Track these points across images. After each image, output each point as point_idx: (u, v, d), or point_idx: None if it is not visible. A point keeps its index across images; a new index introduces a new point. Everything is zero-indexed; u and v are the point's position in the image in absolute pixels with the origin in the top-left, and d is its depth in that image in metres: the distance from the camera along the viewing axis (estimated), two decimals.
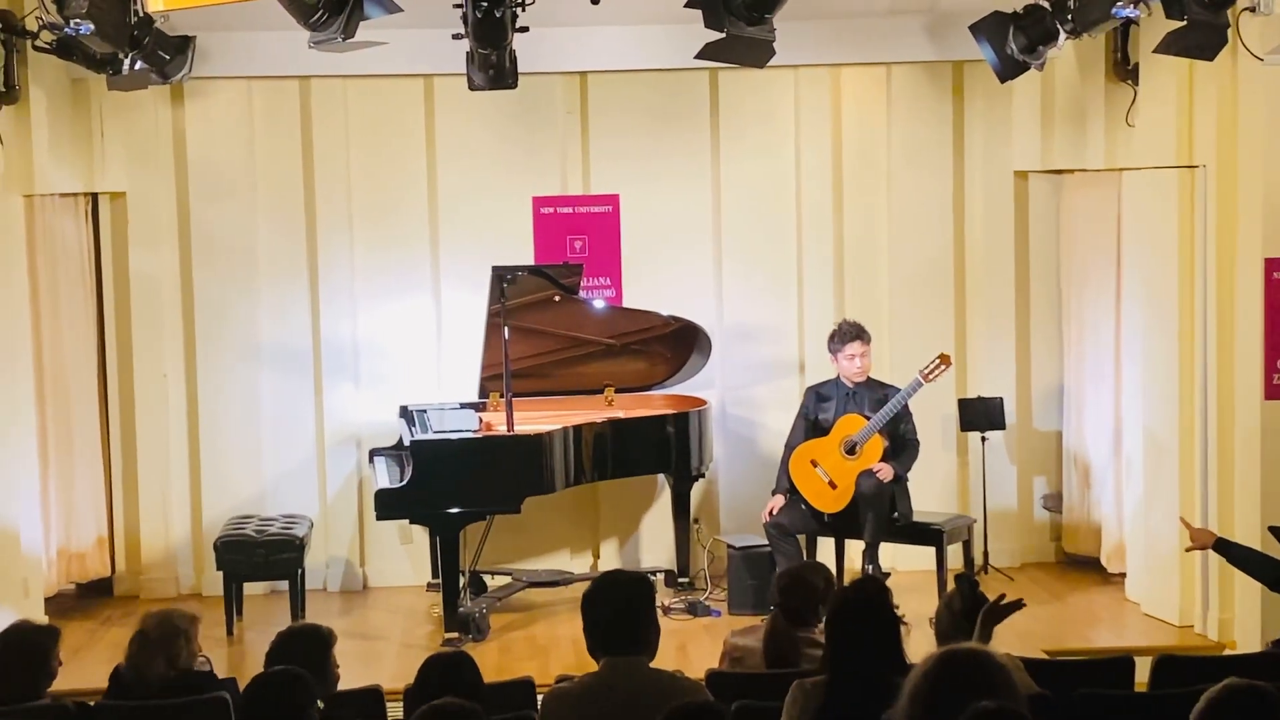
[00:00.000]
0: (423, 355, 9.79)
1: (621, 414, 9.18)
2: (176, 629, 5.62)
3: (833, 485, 8.55)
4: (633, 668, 4.60)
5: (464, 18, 7.06)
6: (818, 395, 8.75)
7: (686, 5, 7.07)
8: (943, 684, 3.52)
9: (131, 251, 9.56)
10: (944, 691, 3.50)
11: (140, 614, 5.84)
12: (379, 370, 9.74)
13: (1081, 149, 9.33)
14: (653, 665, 4.67)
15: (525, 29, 7.24)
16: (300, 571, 8.79)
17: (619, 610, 4.62)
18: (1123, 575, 9.11)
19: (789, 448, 8.77)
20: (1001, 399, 9.65)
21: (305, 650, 5.21)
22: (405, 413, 9.27)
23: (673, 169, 9.82)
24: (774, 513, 8.61)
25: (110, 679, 5.69)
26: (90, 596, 9.56)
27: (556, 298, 9.12)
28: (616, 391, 9.49)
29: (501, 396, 8.78)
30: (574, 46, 9.28)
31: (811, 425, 8.70)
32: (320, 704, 4.63)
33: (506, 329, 8.56)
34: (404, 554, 9.78)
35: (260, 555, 8.72)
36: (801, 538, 8.76)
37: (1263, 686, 3.64)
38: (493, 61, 7.64)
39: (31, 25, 7.98)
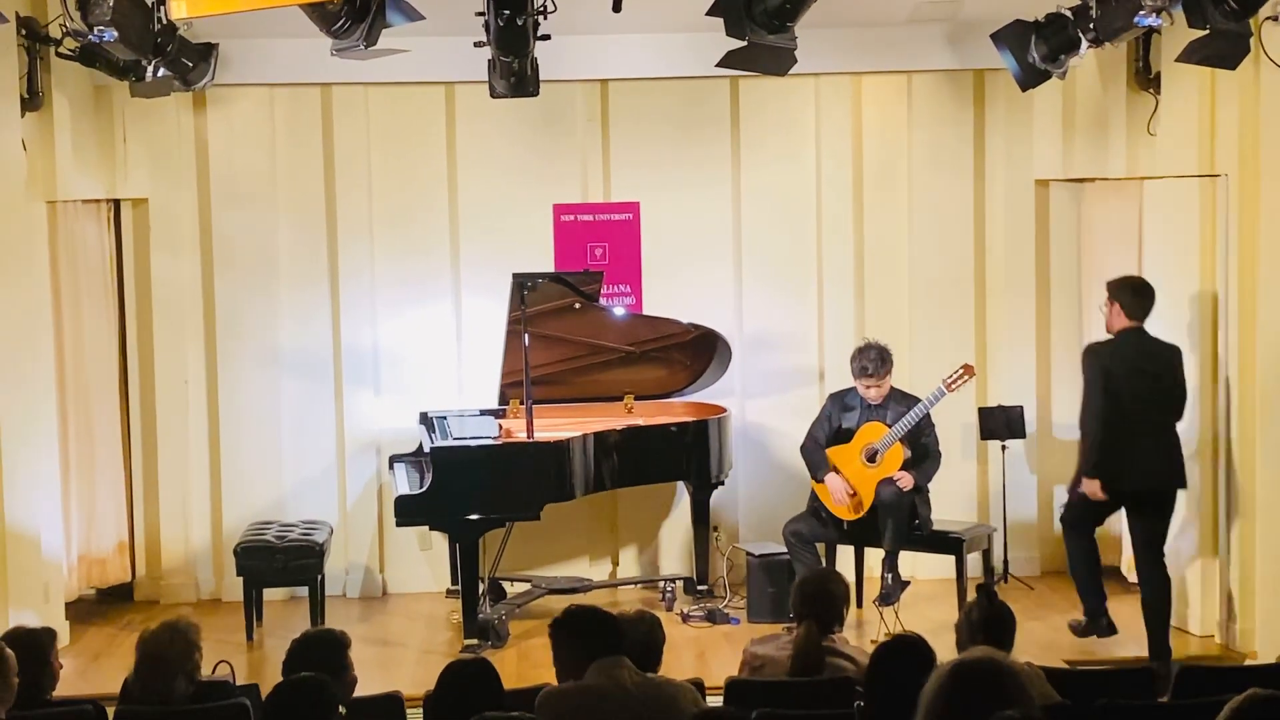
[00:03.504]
0: (443, 362, 9.80)
1: (641, 421, 9.18)
2: (190, 643, 5.53)
3: (853, 493, 8.54)
4: (620, 666, 4.81)
5: (486, 26, 7.07)
6: (843, 404, 8.73)
7: (708, 13, 7.08)
8: (957, 693, 3.52)
9: (153, 257, 9.59)
10: (959, 700, 3.50)
11: (159, 622, 5.73)
12: (399, 377, 9.75)
13: (1103, 158, 9.32)
14: (668, 677, 4.78)
15: (547, 37, 7.25)
16: (320, 577, 8.80)
17: (591, 623, 4.99)
18: None
19: (815, 441, 8.70)
20: (1022, 407, 9.63)
21: (323, 655, 5.21)
22: (425, 419, 9.28)
23: (693, 177, 9.83)
24: (850, 494, 8.52)
25: (120, 693, 5.64)
26: (111, 602, 9.58)
27: (577, 305, 9.13)
28: (636, 399, 9.50)
29: (521, 403, 8.80)
30: (595, 54, 9.30)
31: (835, 431, 8.68)
32: (343, 710, 4.63)
33: (527, 336, 8.58)
34: (423, 560, 9.79)
35: (280, 561, 8.73)
36: (821, 546, 8.76)
37: None
38: (514, 69, 7.67)
39: (55, 32, 8.02)
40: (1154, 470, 7.97)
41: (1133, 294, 8.10)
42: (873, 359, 8.55)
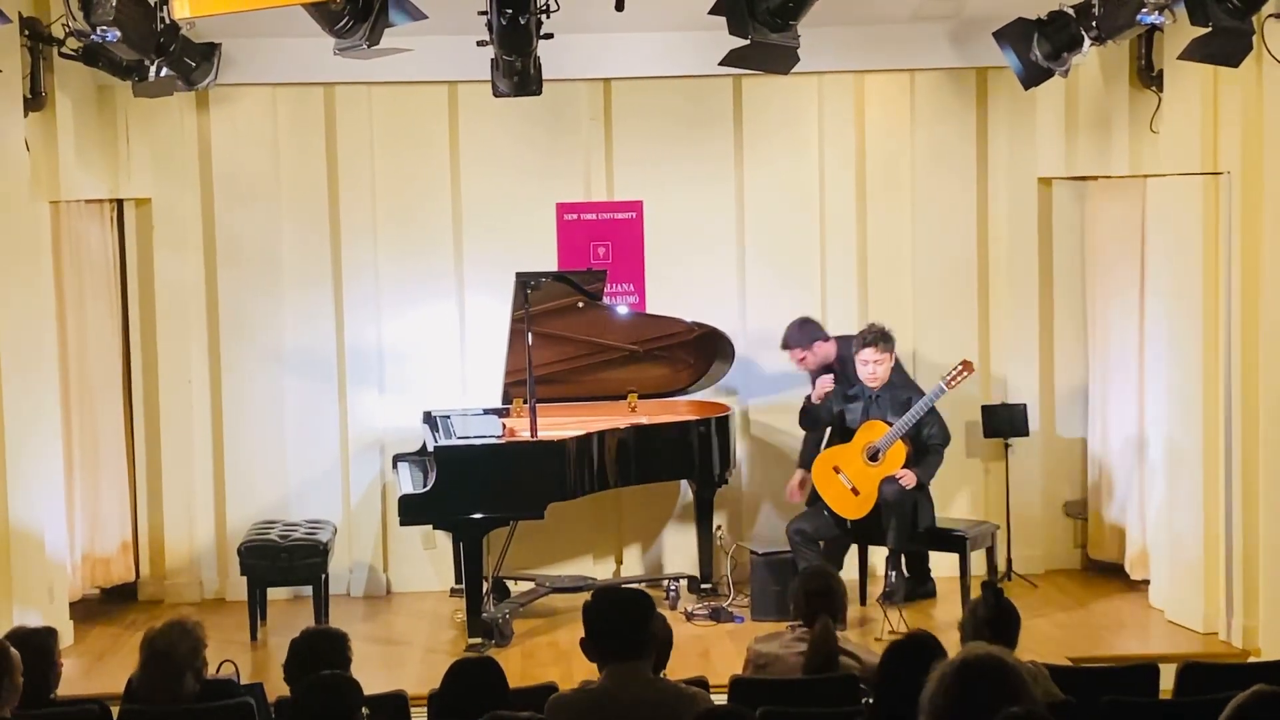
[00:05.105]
0: (446, 361, 9.80)
1: (645, 420, 9.18)
2: (197, 640, 5.51)
3: (855, 491, 8.54)
4: (634, 673, 4.66)
5: (489, 25, 7.07)
6: (844, 395, 8.74)
7: (711, 12, 7.08)
8: (962, 689, 3.52)
9: (157, 257, 9.60)
10: (963, 697, 3.50)
11: (164, 621, 5.72)
12: (403, 376, 9.76)
13: (1106, 155, 9.32)
14: (668, 676, 4.73)
15: (550, 36, 7.26)
16: (324, 576, 8.81)
17: (620, 619, 4.72)
18: (1147, 582, 9.08)
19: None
20: (1025, 405, 9.63)
21: (325, 653, 5.21)
22: (429, 418, 9.28)
23: (696, 175, 9.83)
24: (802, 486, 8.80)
25: (125, 692, 5.64)
26: (114, 601, 9.57)
27: (580, 304, 9.14)
28: (640, 397, 9.50)
29: (525, 402, 8.80)
30: (598, 53, 9.30)
31: (838, 421, 8.69)
32: (366, 711, 4.63)
33: (530, 335, 8.58)
34: (427, 559, 9.80)
35: (284, 560, 8.74)
36: (824, 544, 8.76)
37: None
38: (517, 68, 7.67)
39: (58, 32, 8.03)
40: None
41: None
42: (874, 331, 8.70)
